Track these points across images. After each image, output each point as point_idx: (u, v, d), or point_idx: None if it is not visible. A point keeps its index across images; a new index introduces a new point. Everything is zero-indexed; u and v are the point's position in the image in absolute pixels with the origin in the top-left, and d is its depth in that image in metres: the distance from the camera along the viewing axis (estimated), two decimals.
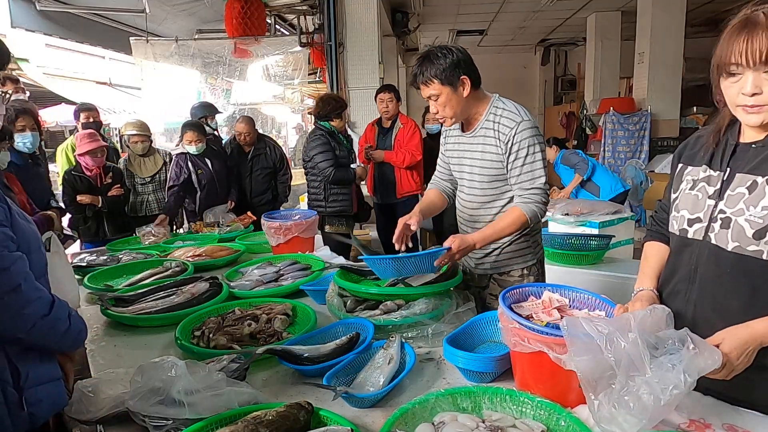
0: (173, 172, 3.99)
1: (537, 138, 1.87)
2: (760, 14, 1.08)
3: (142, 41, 5.66)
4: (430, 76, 1.83)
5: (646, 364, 1.00)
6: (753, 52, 1.06)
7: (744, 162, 1.18)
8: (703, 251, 1.22)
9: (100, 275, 2.51)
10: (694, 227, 1.24)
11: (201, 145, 3.93)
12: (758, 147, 1.17)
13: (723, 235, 1.18)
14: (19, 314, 1.14)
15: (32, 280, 1.18)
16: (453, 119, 1.93)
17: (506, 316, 1.29)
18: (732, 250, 1.16)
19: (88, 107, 4.42)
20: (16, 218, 1.23)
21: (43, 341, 1.22)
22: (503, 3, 8.11)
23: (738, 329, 1.11)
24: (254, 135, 4.40)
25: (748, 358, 1.09)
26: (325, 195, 3.82)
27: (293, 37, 5.90)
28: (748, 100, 1.10)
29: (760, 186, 1.13)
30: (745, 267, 1.15)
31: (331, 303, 1.84)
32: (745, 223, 1.14)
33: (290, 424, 1.13)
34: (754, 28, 1.07)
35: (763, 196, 1.12)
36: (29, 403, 1.19)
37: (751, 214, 1.13)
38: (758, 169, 1.15)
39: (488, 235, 1.89)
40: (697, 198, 1.25)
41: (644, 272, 1.43)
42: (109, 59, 11.10)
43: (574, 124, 10.01)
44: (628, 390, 0.99)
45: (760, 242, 1.12)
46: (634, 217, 4.59)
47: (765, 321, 1.11)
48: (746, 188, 1.16)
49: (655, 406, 0.96)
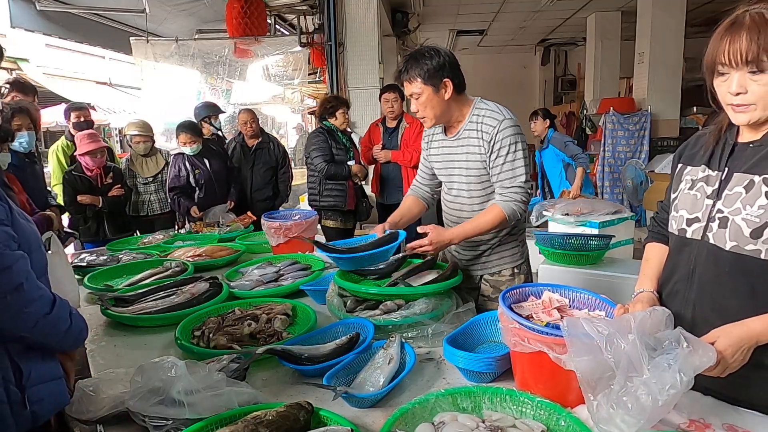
0: (171, 173, 4.00)
1: (519, 137, 1.91)
2: (746, 15, 1.10)
3: (142, 41, 5.66)
4: (413, 75, 1.87)
5: (644, 365, 1.00)
6: (735, 52, 1.09)
7: (741, 161, 1.19)
8: (701, 251, 1.23)
9: (100, 275, 2.51)
10: (693, 227, 1.25)
11: (196, 146, 3.95)
12: (756, 146, 1.18)
13: (721, 234, 1.18)
14: (21, 313, 1.14)
15: (34, 279, 1.19)
16: (433, 120, 1.97)
17: (506, 316, 1.29)
18: (730, 249, 1.16)
19: (78, 106, 4.36)
20: (17, 217, 1.23)
21: (45, 340, 1.23)
22: (503, 3, 8.11)
23: (733, 327, 1.12)
24: (257, 125, 4.42)
25: (743, 356, 1.09)
26: (320, 190, 3.97)
27: (293, 37, 5.90)
28: (735, 99, 1.13)
29: (757, 185, 1.14)
30: (743, 266, 1.15)
31: (331, 303, 1.84)
32: (742, 222, 1.14)
33: (290, 424, 1.13)
34: (738, 29, 1.10)
35: (760, 195, 1.13)
36: (31, 402, 1.19)
37: (748, 213, 1.13)
38: (755, 169, 1.15)
39: (466, 230, 1.92)
40: (695, 198, 1.25)
41: (644, 274, 1.43)
42: (109, 59, 11.10)
43: (574, 124, 10.02)
44: (627, 391, 0.99)
45: (757, 241, 1.12)
46: (634, 217, 4.59)
47: (761, 319, 1.11)
48: (743, 187, 1.16)
49: (653, 407, 0.97)
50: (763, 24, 1.08)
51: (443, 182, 2.15)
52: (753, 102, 1.11)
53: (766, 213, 1.11)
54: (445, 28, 9.96)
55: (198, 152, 3.99)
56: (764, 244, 1.11)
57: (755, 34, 1.08)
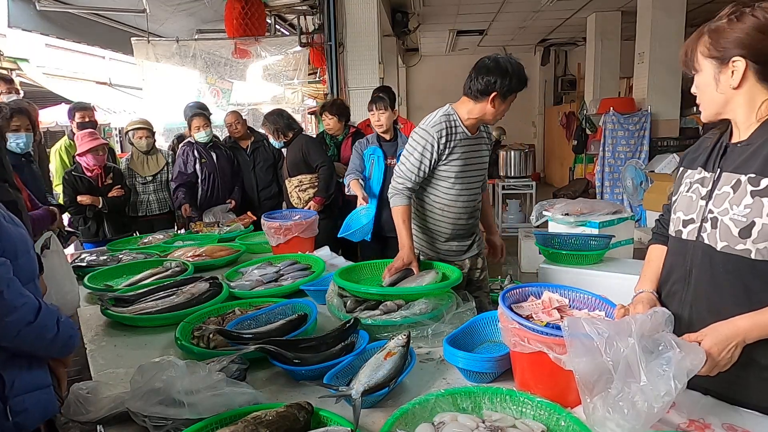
0: (180, 160, 4.05)
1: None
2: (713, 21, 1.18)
3: (143, 41, 5.65)
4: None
5: (642, 371, 1.01)
6: (681, 56, 1.23)
7: (730, 161, 1.21)
8: (696, 252, 1.24)
9: (100, 275, 2.51)
10: (688, 228, 1.26)
11: (209, 130, 4.08)
12: (743, 146, 1.19)
13: (713, 235, 1.19)
14: (1, 322, 1.10)
15: (17, 287, 1.14)
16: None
17: (506, 316, 1.29)
18: (721, 249, 1.17)
19: (83, 106, 4.35)
20: (2, 222, 1.20)
21: (30, 348, 1.19)
22: (503, 3, 8.11)
23: (721, 325, 1.12)
24: (244, 125, 4.44)
25: (731, 353, 1.10)
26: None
27: (293, 37, 5.89)
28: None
29: (743, 184, 1.15)
30: (735, 266, 1.16)
31: (331, 303, 1.84)
32: (730, 222, 1.15)
33: (290, 424, 1.13)
34: (694, 33, 1.21)
35: (745, 194, 1.14)
36: (14, 413, 1.16)
37: (735, 213, 1.14)
38: (741, 168, 1.17)
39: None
40: (691, 199, 1.26)
41: (645, 275, 1.44)
42: (109, 59, 11.09)
43: (574, 124, 10.00)
44: (623, 396, 1.00)
45: (746, 241, 1.12)
46: (634, 217, 4.58)
47: (748, 317, 1.12)
48: (731, 187, 1.17)
49: (648, 413, 0.98)
50: (707, 31, 1.17)
51: (453, 184, 2.16)
52: (699, 101, 1.22)
53: (752, 212, 1.11)
54: (445, 28, 9.96)
55: (208, 142, 4.07)
56: (754, 243, 1.12)
57: (694, 39, 1.19)
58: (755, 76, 1.13)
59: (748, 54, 1.11)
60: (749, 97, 1.15)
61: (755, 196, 1.11)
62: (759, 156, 1.13)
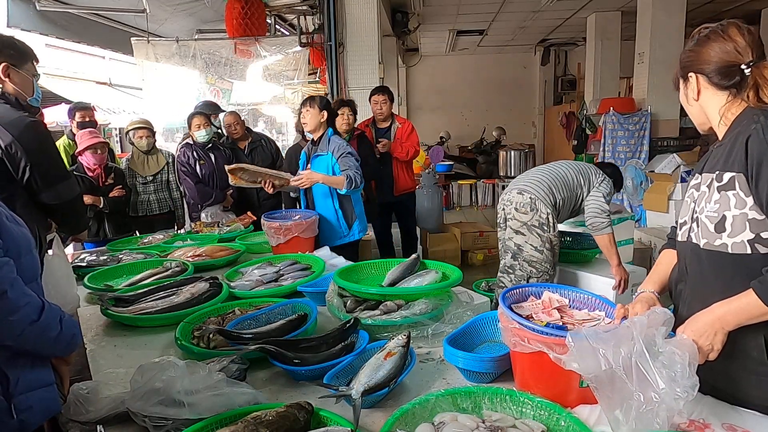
0: (180, 160, 4.05)
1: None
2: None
3: (143, 41, 5.65)
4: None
5: (658, 378, 1.02)
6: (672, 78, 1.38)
7: (710, 163, 1.27)
8: (687, 252, 1.30)
9: (100, 275, 2.51)
10: (682, 230, 1.33)
11: (209, 129, 4.06)
12: (718, 147, 1.26)
13: (698, 234, 1.25)
14: (5, 321, 1.11)
15: (20, 286, 1.15)
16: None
17: (506, 316, 1.29)
18: (704, 247, 1.23)
19: (83, 106, 4.35)
20: (5, 222, 1.20)
21: (34, 347, 1.20)
22: (503, 3, 8.11)
23: (700, 314, 1.18)
24: (242, 126, 4.46)
25: (711, 340, 1.14)
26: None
27: (293, 37, 5.89)
28: None
29: (713, 182, 1.21)
30: (717, 262, 1.21)
31: (331, 303, 1.84)
32: (706, 219, 1.21)
33: (290, 424, 1.13)
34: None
35: (714, 190, 1.20)
36: (19, 410, 1.16)
37: (708, 210, 1.21)
38: (715, 167, 1.23)
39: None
40: (686, 203, 1.33)
41: (650, 276, 1.49)
42: (109, 59, 11.09)
43: (574, 124, 10.00)
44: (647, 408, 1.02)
45: (722, 235, 1.18)
46: (634, 217, 4.58)
47: (724, 303, 1.16)
48: (707, 186, 1.24)
49: (670, 416, 1.02)
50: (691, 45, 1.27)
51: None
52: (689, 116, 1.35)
53: (720, 207, 1.18)
54: (445, 28, 9.96)
55: (207, 141, 4.06)
56: (729, 237, 1.17)
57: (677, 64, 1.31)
58: (708, 83, 1.26)
59: (694, 68, 1.27)
60: (710, 103, 1.27)
61: (721, 191, 1.18)
62: (724, 153, 1.21)
